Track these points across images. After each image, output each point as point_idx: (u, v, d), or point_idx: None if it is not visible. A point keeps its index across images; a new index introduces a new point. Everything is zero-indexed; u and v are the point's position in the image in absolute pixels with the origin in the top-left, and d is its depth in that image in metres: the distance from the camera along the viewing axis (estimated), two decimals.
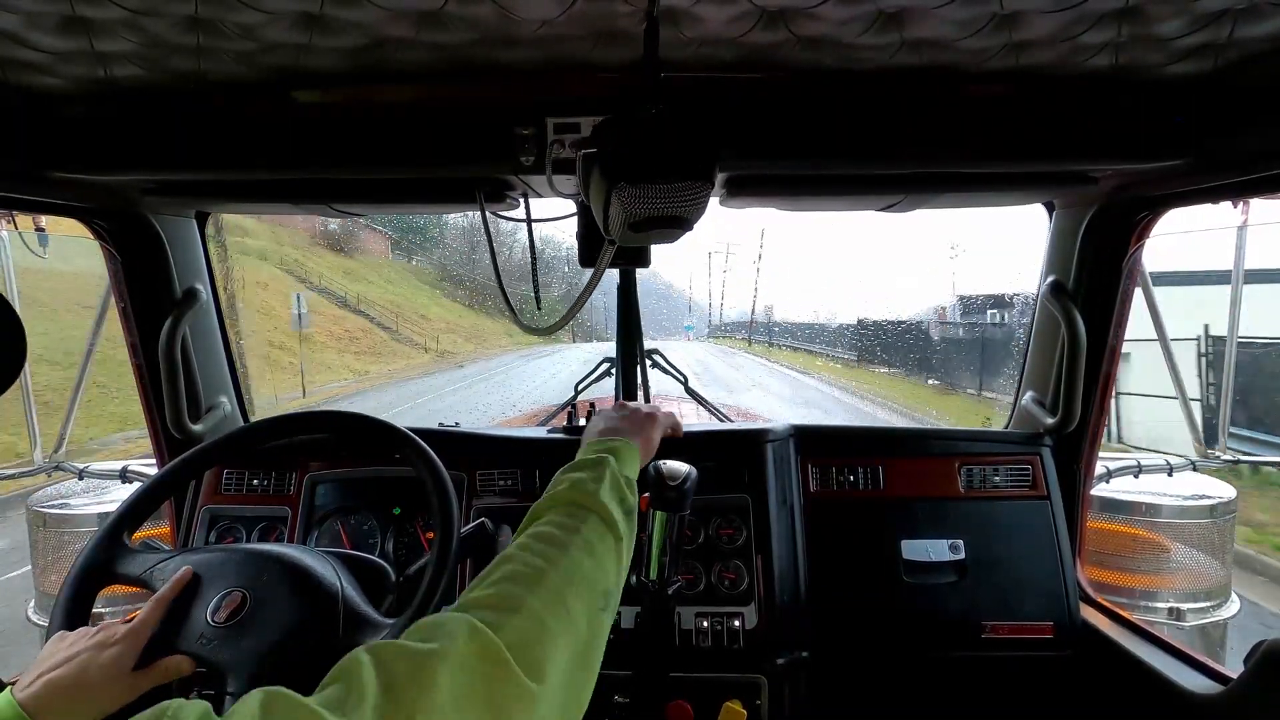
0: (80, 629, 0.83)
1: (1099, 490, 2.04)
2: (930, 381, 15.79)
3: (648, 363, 1.77)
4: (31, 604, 2.10)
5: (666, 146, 0.76)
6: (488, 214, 1.26)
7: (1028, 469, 1.42)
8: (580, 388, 1.82)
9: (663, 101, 0.77)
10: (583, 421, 1.49)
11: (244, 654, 0.80)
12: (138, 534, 1.00)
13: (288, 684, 0.82)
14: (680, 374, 1.84)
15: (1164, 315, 1.68)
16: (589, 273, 1.07)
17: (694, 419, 2.24)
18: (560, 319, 1.14)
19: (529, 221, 1.39)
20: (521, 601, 0.60)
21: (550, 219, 1.49)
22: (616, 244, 0.88)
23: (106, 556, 0.94)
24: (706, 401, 1.90)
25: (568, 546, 0.68)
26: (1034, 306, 1.53)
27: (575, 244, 1.32)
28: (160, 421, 1.51)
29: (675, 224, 0.81)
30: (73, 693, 0.75)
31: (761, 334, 36.78)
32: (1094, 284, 1.37)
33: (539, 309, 1.35)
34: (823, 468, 1.43)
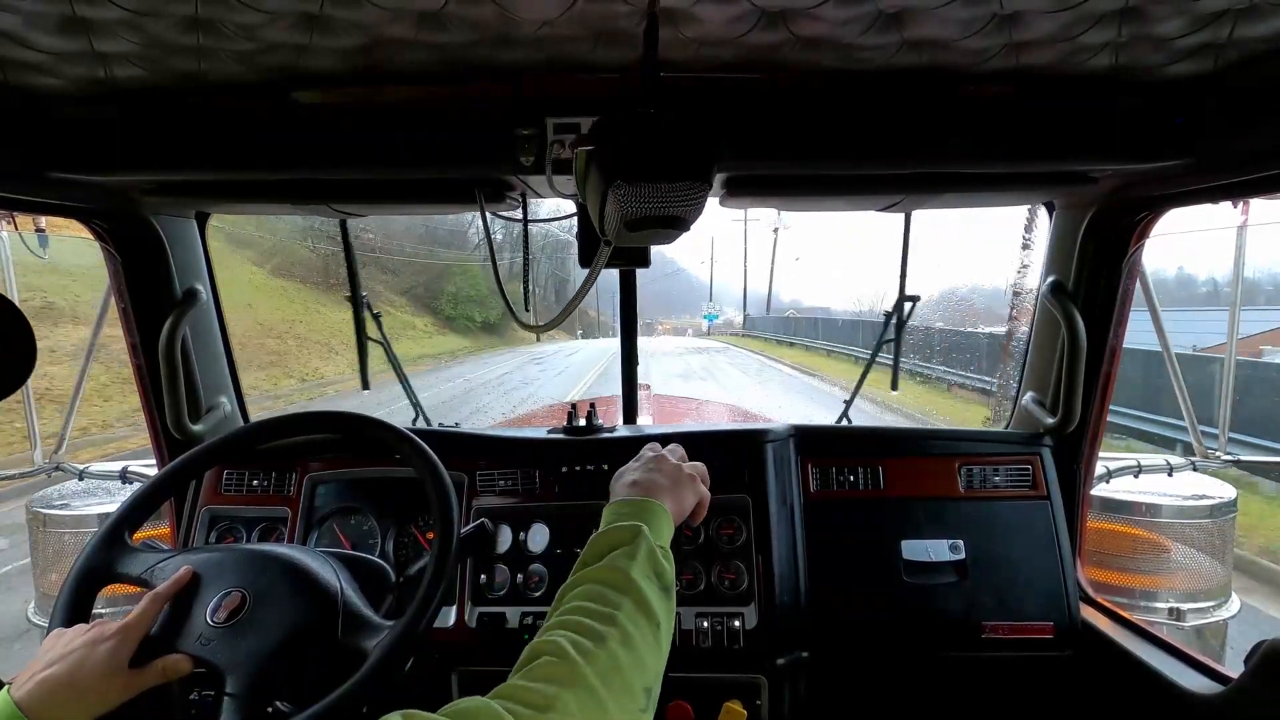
0: (76, 626, 0.83)
1: (1099, 490, 2.04)
2: None
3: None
4: (32, 604, 2.10)
5: (664, 146, 0.76)
6: (488, 214, 1.26)
7: (1028, 469, 1.42)
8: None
9: (662, 101, 0.77)
10: (582, 421, 1.49)
11: (242, 655, 0.80)
12: (138, 534, 1.00)
13: (286, 685, 0.83)
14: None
15: None
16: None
17: (694, 418, 2.24)
18: (554, 318, 1.14)
19: (525, 222, 1.39)
20: (554, 701, 0.57)
21: (550, 219, 1.49)
22: (613, 245, 0.88)
23: (107, 556, 0.94)
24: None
25: (605, 639, 0.64)
26: (1034, 306, 1.53)
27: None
28: (160, 422, 1.51)
29: (672, 224, 0.80)
30: (68, 690, 0.75)
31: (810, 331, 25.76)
32: (1094, 284, 1.37)
33: (526, 308, 1.35)
34: (823, 468, 1.43)
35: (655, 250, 1.40)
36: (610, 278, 1.45)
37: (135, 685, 0.79)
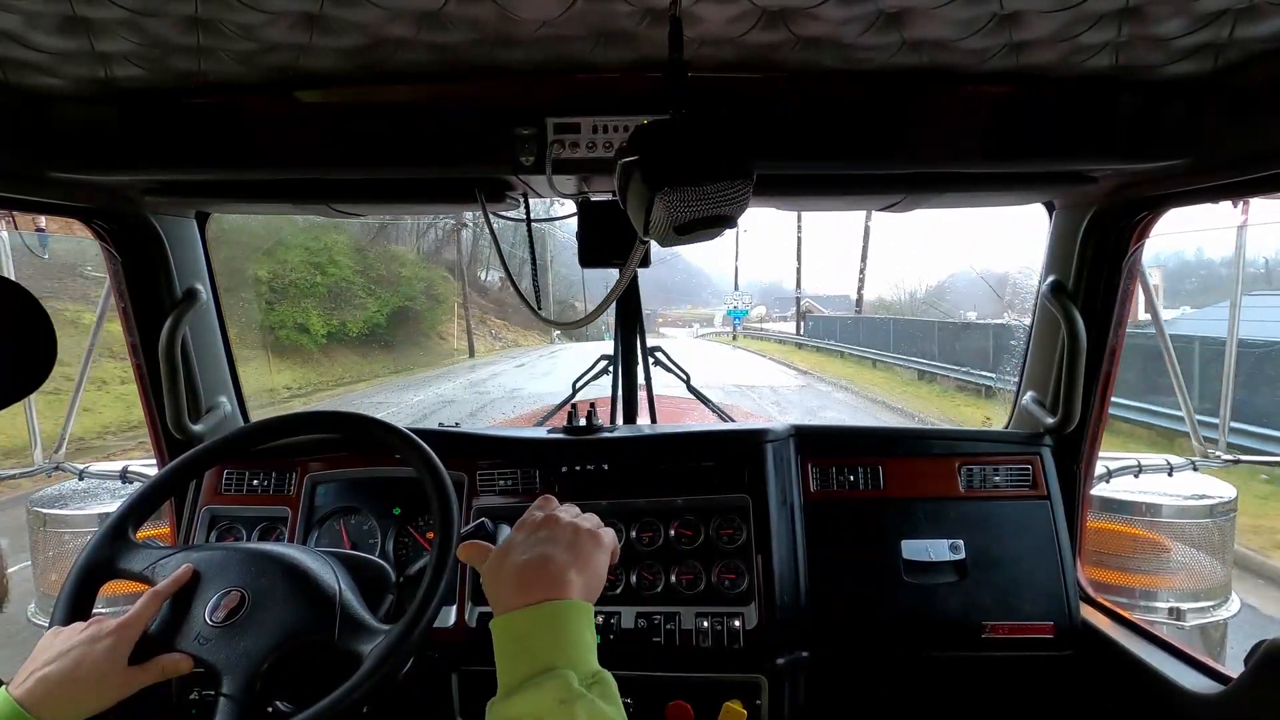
0: (74, 624, 0.83)
1: (1099, 490, 2.04)
2: None
3: (650, 361, 1.77)
4: (32, 604, 2.10)
5: (705, 148, 0.76)
6: (489, 214, 1.26)
7: (1028, 469, 1.42)
8: (578, 385, 1.83)
9: (692, 102, 0.77)
10: (582, 421, 1.49)
11: (240, 655, 0.80)
12: (138, 535, 1.00)
13: (282, 686, 0.83)
14: (683, 372, 1.85)
15: None
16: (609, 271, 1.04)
17: (694, 418, 2.24)
18: (586, 315, 1.15)
19: (528, 221, 1.39)
20: None
21: (550, 219, 1.49)
22: (649, 242, 0.88)
23: (110, 553, 0.94)
24: (709, 400, 1.90)
25: None
26: (1034, 306, 1.53)
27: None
28: (160, 421, 1.51)
29: (720, 223, 0.81)
30: (66, 688, 0.75)
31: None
32: (1094, 284, 1.37)
33: (539, 307, 1.35)
34: (823, 468, 1.43)
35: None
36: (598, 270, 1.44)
37: (134, 683, 0.79)
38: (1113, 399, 1.48)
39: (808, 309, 31.21)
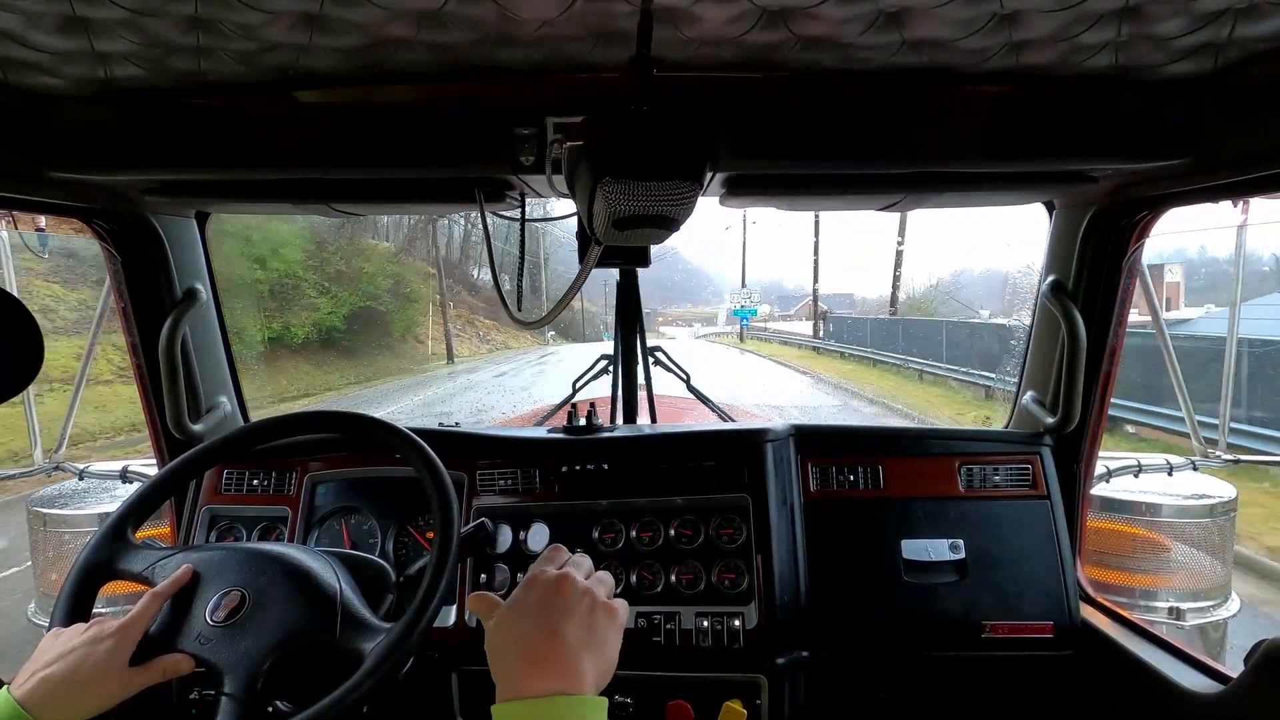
0: (74, 625, 0.84)
1: (1099, 490, 2.04)
2: None
3: (650, 361, 1.77)
4: (32, 604, 2.10)
5: (655, 144, 0.74)
6: (487, 214, 1.26)
7: (1028, 469, 1.42)
8: (578, 385, 1.83)
9: (655, 100, 0.76)
10: (582, 421, 1.48)
11: (240, 655, 0.80)
12: (138, 534, 1.00)
13: (283, 686, 0.83)
14: (683, 372, 1.85)
15: None
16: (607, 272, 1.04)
17: (694, 418, 2.24)
18: (545, 315, 1.15)
19: (523, 221, 1.40)
20: None
21: (550, 219, 1.49)
22: (603, 244, 0.87)
23: (109, 553, 0.94)
24: (709, 400, 1.90)
25: None
26: (1034, 306, 1.53)
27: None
28: (160, 421, 1.51)
29: (660, 223, 0.79)
30: (67, 689, 0.75)
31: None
32: (1094, 284, 1.37)
33: (519, 308, 1.35)
34: (823, 467, 1.43)
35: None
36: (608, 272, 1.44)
37: (135, 684, 0.80)
38: (1153, 407, 1.47)
39: (825, 309, 28.90)
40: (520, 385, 16.26)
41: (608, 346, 1.81)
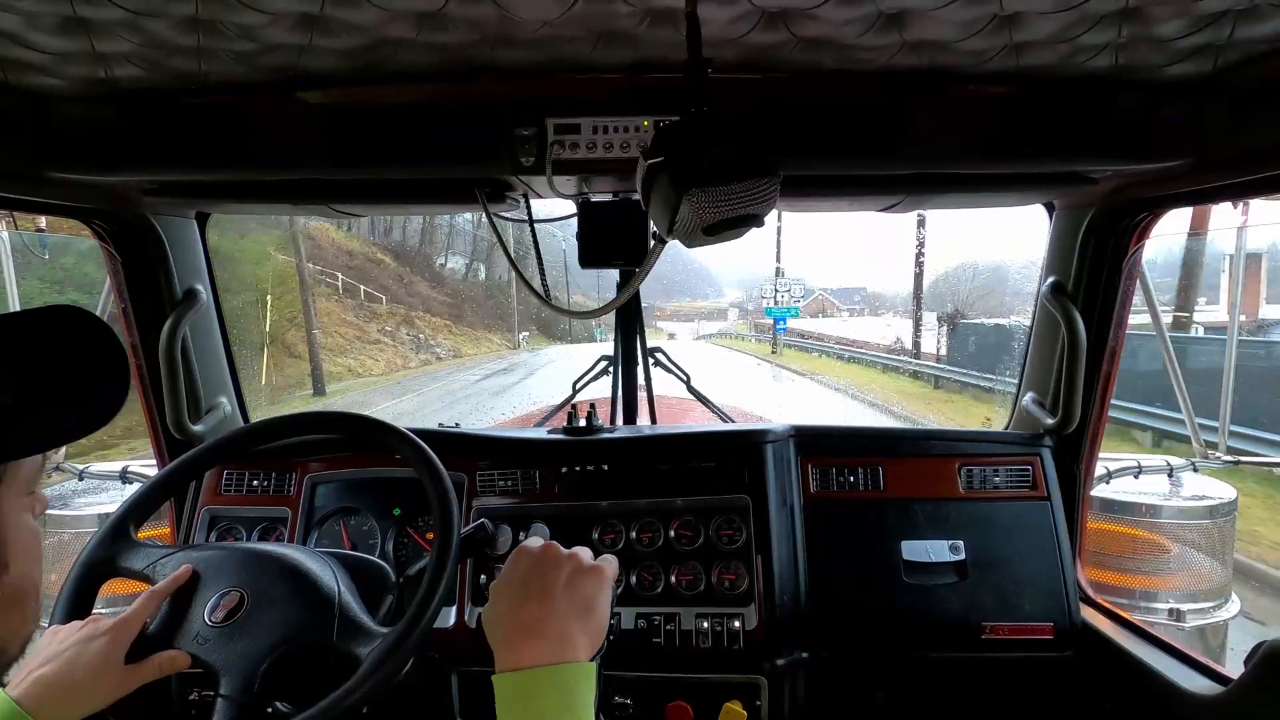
0: (70, 624, 0.83)
1: (1099, 491, 2.05)
2: None
3: (650, 361, 1.77)
4: None
5: (730, 147, 0.75)
6: (490, 214, 1.26)
7: (1028, 470, 1.42)
8: (578, 386, 1.82)
9: (714, 99, 0.76)
10: (582, 421, 1.48)
11: (238, 656, 0.80)
12: (139, 535, 1.00)
13: (280, 687, 0.83)
14: (683, 372, 1.85)
15: None
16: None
17: (694, 419, 2.24)
18: (604, 305, 1.20)
19: (530, 222, 1.39)
20: None
21: (551, 219, 1.49)
22: (666, 241, 0.87)
23: (111, 550, 0.94)
24: (709, 401, 1.90)
25: None
26: (1034, 306, 1.53)
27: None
28: (160, 422, 1.51)
29: (747, 222, 0.79)
30: (63, 687, 0.75)
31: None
32: (1094, 284, 1.37)
33: (550, 303, 1.36)
34: (823, 468, 1.43)
35: None
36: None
37: (131, 681, 0.79)
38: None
39: (955, 313, 16.19)
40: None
41: (600, 349, 1.81)
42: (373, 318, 22.23)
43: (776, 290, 19.52)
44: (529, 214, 1.38)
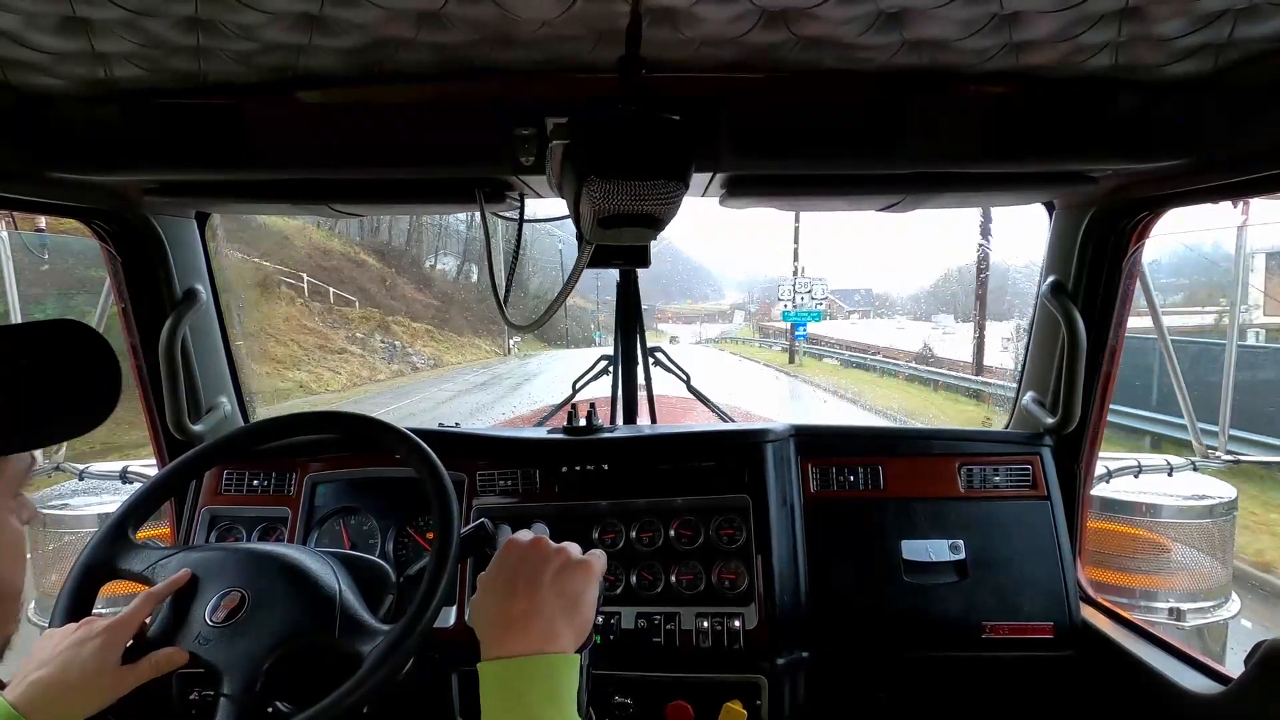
0: (65, 627, 0.83)
1: (1099, 490, 2.05)
2: None
3: (650, 361, 1.77)
4: (31, 604, 2.10)
5: (639, 143, 0.75)
6: (487, 214, 1.26)
7: (1028, 469, 1.42)
8: (578, 385, 1.83)
9: (642, 99, 0.76)
10: (582, 421, 1.48)
11: (239, 656, 0.80)
12: (138, 535, 1.00)
13: (282, 687, 0.83)
14: (683, 372, 1.85)
15: None
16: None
17: (694, 419, 2.24)
18: (539, 318, 1.15)
19: (520, 221, 1.39)
20: None
21: (550, 219, 1.49)
22: (594, 244, 0.87)
23: (110, 552, 0.94)
24: (709, 400, 1.90)
25: None
26: (1034, 306, 1.53)
27: None
28: (160, 422, 1.51)
29: (646, 222, 0.80)
30: (58, 691, 0.75)
31: None
32: (1094, 284, 1.37)
33: (505, 306, 1.35)
34: (823, 468, 1.43)
35: None
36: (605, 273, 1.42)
37: (127, 682, 0.79)
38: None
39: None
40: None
41: (597, 353, 1.81)
42: (342, 323, 20.09)
43: (795, 291, 16.72)
44: (521, 214, 1.38)
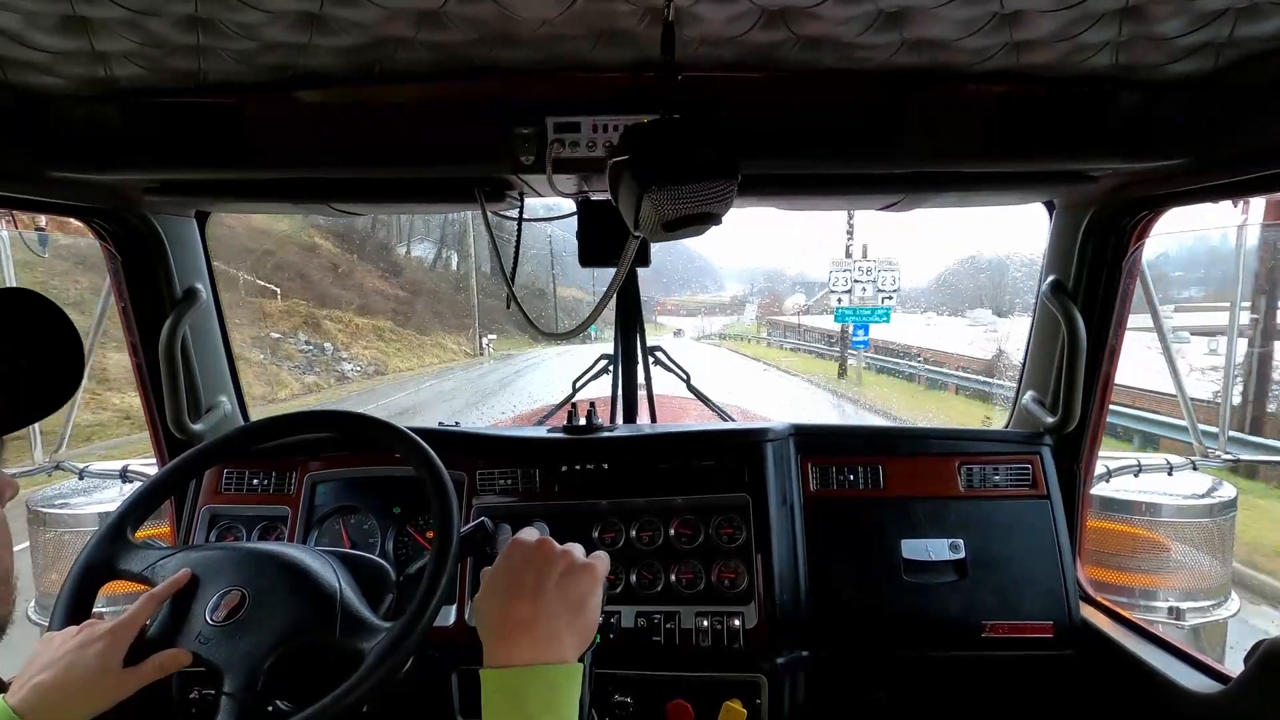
0: (66, 629, 0.83)
1: (1099, 489, 2.05)
2: None
3: (650, 360, 1.77)
4: (31, 604, 2.10)
5: (694, 149, 0.80)
6: (488, 214, 1.26)
7: (1028, 468, 1.42)
8: (579, 385, 1.83)
9: (683, 104, 0.80)
10: (582, 420, 1.48)
11: (240, 654, 0.80)
12: (138, 534, 1.00)
13: (283, 685, 0.83)
14: (683, 371, 1.85)
15: None
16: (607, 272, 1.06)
17: (694, 418, 2.24)
18: (581, 323, 1.18)
19: (519, 220, 1.40)
20: None
21: (550, 218, 1.49)
22: (640, 237, 0.90)
23: (109, 553, 0.94)
24: (709, 399, 1.90)
25: None
26: (1034, 305, 1.53)
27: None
28: (160, 421, 1.51)
29: (705, 220, 0.84)
30: (60, 694, 0.75)
31: None
32: (1094, 283, 1.37)
33: (507, 308, 1.36)
34: (823, 467, 1.43)
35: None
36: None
37: (130, 684, 0.79)
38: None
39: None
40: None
41: (593, 349, 1.81)
42: (254, 320, 15.90)
43: (855, 278, 11.72)
44: (520, 213, 1.38)
